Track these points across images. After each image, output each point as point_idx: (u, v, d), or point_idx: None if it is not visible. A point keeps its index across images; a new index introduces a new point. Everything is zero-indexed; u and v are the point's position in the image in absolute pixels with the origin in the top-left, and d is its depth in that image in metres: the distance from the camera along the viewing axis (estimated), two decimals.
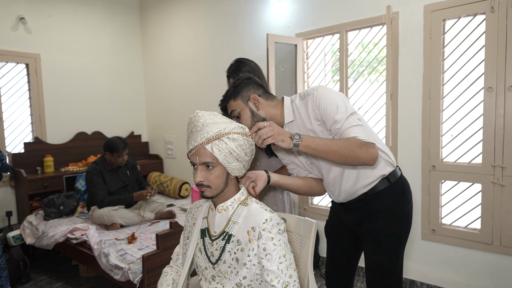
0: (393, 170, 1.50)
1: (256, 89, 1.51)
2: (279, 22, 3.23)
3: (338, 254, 1.69)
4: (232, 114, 1.51)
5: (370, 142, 1.30)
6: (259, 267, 1.12)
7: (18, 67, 3.68)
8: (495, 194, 2.29)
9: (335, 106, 1.35)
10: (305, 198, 3.25)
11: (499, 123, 2.25)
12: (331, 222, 1.71)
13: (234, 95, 1.50)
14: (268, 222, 1.12)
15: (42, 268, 3.29)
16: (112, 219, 2.92)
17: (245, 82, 1.51)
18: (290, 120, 1.48)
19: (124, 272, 2.25)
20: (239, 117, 1.50)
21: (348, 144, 1.28)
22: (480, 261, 2.40)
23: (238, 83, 1.51)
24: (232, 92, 1.50)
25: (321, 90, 1.40)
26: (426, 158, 2.53)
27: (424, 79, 2.49)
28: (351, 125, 1.32)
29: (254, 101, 1.48)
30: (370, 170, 1.46)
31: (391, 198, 1.48)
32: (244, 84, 1.51)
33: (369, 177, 1.46)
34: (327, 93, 1.39)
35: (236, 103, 1.49)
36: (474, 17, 2.32)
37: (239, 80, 1.53)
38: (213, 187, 1.16)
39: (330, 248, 1.73)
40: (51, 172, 3.66)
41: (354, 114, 1.36)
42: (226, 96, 1.52)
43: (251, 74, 1.61)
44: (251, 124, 1.48)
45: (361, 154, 1.28)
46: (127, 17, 4.53)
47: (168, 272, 1.39)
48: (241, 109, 1.47)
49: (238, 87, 1.50)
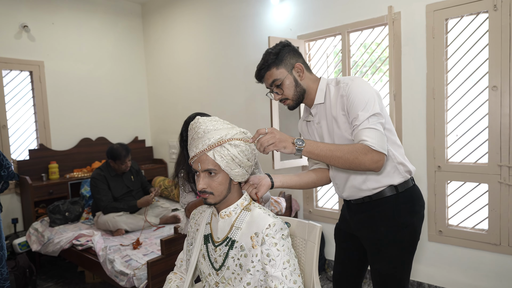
0: (404, 181, 1.43)
1: (298, 57, 1.42)
2: (281, 25, 3.23)
3: (346, 258, 1.64)
4: (274, 83, 1.41)
5: (377, 150, 1.25)
6: (263, 273, 1.11)
7: (22, 75, 3.71)
8: (502, 194, 2.26)
9: (364, 102, 1.30)
10: (310, 201, 3.23)
11: (505, 122, 2.22)
12: (340, 225, 1.66)
13: (277, 62, 1.38)
14: (272, 227, 1.10)
15: (48, 275, 3.30)
16: (117, 224, 2.93)
17: (287, 49, 1.40)
18: (320, 102, 1.44)
19: (129, 278, 2.25)
20: (280, 86, 1.41)
21: (353, 150, 1.25)
22: (489, 262, 2.37)
23: (279, 49, 1.39)
24: (274, 59, 1.38)
25: (357, 81, 1.35)
26: (431, 159, 2.51)
27: (428, 79, 2.47)
28: (367, 127, 1.27)
29: (299, 70, 1.40)
30: (381, 177, 1.41)
31: (395, 207, 1.42)
32: (286, 51, 1.40)
33: (378, 181, 1.41)
34: (361, 86, 1.34)
35: (279, 71, 1.38)
36: (477, 16, 2.30)
37: (279, 46, 1.40)
38: (216, 193, 1.16)
39: (338, 252, 1.68)
40: (56, 179, 3.67)
41: (377, 116, 1.30)
42: (265, 64, 1.39)
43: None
44: (294, 94, 1.42)
45: (365, 161, 1.24)
46: (130, 23, 4.55)
47: (172, 278, 1.38)
48: (285, 77, 1.39)
49: (281, 53, 1.38)
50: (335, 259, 1.69)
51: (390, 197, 1.42)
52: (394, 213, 1.42)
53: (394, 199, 1.42)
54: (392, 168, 1.41)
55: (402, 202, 1.42)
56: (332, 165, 1.29)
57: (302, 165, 3.01)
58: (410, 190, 1.45)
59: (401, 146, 1.47)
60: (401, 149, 1.46)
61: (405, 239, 1.43)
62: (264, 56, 1.41)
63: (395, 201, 1.42)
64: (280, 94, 1.44)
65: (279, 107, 2.88)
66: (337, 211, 3.06)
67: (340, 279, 1.67)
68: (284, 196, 3.15)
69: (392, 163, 1.42)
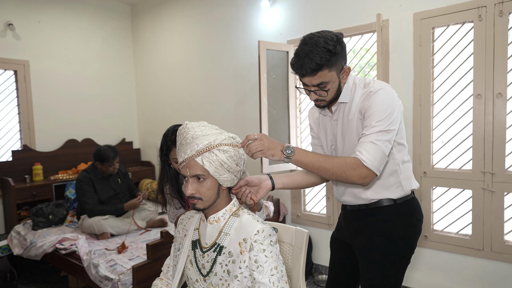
0: (404, 195, 1.41)
1: (345, 56, 1.31)
2: (271, 29, 3.24)
3: (340, 267, 1.63)
4: (320, 86, 1.28)
5: (368, 167, 1.22)
6: (250, 279, 1.10)
7: (6, 74, 3.63)
8: (485, 200, 2.31)
9: (384, 114, 1.25)
10: (298, 205, 3.24)
11: (488, 129, 2.27)
12: (336, 234, 1.64)
13: (332, 63, 1.25)
14: (260, 233, 1.10)
15: (30, 279, 3.21)
16: (103, 228, 2.88)
17: (342, 46, 1.26)
18: (345, 101, 1.37)
19: (114, 283, 2.21)
20: (324, 89, 1.29)
21: (343, 164, 1.23)
22: (472, 267, 2.41)
23: (335, 46, 1.23)
24: (329, 59, 1.23)
25: (385, 91, 1.29)
26: (417, 165, 2.55)
27: (415, 86, 2.51)
28: (370, 140, 1.24)
29: (346, 73, 1.31)
30: (382, 189, 1.39)
31: (391, 217, 1.40)
32: (340, 49, 1.25)
33: (377, 192, 1.40)
34: (387, 96, 1.28)
35: (330, 74, 1.27)
36: (462, 25, 2.35)
37: (335, 41, 1.23)
38: (204, 199, 1.15)
39: (333, 260, 1.66)
40: (40, 181, 3.59)
41: (388, 132, 1.25)
42: (319, 63, 1.23)
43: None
44: (333, 97, 1.34)
45: (353, 176, 1.23)
46: (118, 23, 4.50)
47: (158, 284, 1.36)
48: (334, 81, 1.28)
49: (337, 52, 1.24)
50: (330, 267, 1.68)
51: (387, 207, 1.40)
52: (389, 224, 1.40)
53: (391, 210, 1.40)
54: (396, 183, 1.40)
55: (398, 214, 1.40)
56: (320, 175, 1.28)
57: (291, 169, 3.02)
58: (409, 202, 1.43)
59: (409, 161, 1.44)
60: (409, 164, 1.44)
61: (399, 251, 1.40)
62: (318, 50, 1.22)
63: (392, 212, 1.40)
64: (321, 96, 1.33)
65: (268, 112, 2.89)
66: (324, 216, 3.07)
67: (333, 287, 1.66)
68: (272, 200, 3.15)
69: (397, 179, 1.40)
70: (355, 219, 1.49)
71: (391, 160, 1.38)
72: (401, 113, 1.33)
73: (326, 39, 1.25)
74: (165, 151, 1.72)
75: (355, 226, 1.49)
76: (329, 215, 3.02)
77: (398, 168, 1.39)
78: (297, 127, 3.17)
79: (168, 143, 1.69)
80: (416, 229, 1.43)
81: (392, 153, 1.37)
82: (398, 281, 1.45)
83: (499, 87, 2.22)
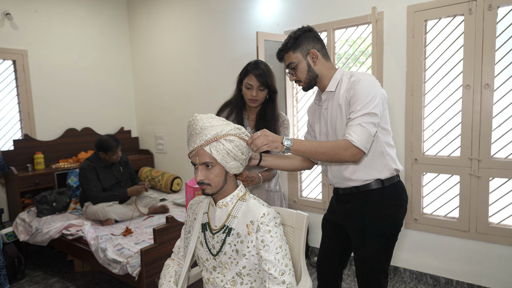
0: (391, 176, 1.56)
1: (315, 43, 1.51)
2: (268, 20, 3.30)
3: (331, 247, 1.77)
4: (290, 66, 1.52)
5: (357, 146, 1.37)
6: (257, 257, 1.22)
7: (5, 64, 3.65)
8: (472, 185, 2.45)
9: (367, 99, 1.41)
10: (294, 191, 3.36)
11: (476, 118, 2.40)
12: (328, 216, 1.79)
13: (294, 47, 1.49)
14: (266, 216, 1.21)
15: (36, 264, 3.32)
16: (107, 214, 2.98)
17: (307, 34, 1.50)
18: (331, 90, 1.54)
19: (122, 266, 2.32)
20: (294, 69, 1.51)
21: (335, 146, 1.39)
22: (458, 247, 2.57)
23: (299, 34, 1.50)
24: (293, 43, 1.49)
25: (367, 78, 1.46)
26: (409, 152, 2.67)
27: (407, 77, 2.62)
28: (358, 123, 1.39)
29: (313, 56, 1.50)
30: (370, 169, 1.54)
31: (381, 199, 1.55)
32: (305, 37, 1.50)
33: (367, 173, 1.55)
34: (369, 84, 1.44)
35: (295, 55, 1.49)
36: (453, 18, 2.45)
37: (299, 31, 1.51)
38: (213, 184, 1.25)
39: (324, 241, 1.80)
40: (42, 169, 3.66)
41: (372, 116, 1.40)
42: (286, 47, 1.51)
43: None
44: (306, 78, 1.53)
45: (345, 155, 1.38)
46: (115, 12, 4.50)
47: (170, 264, 1.47)
48: (299, 62, 1.50)
49: (299, 38, 1.49)
50: (320, 247, 1.82)
51: (376, 190, 1.56)
52: (378, 206, 1.55)
53: (379, 192, 1.55)
54: (382, 164, 1.55)
55: (386, 196, 1.55)
56: (317, 160, 1.42)
57: None
58: (395, 185, 1.58)
59: (393, 146, 1.60)
60: (393, 149, 1.60)
61: (387, 230, 1.56)
62: (286, 39, 1.53)
63: (381, 194, 1.55)
64: (294, 76, 1.56)
65: None
66: (320, 201, 3.21)
67: (323, 267, 1.80)
68: None
69: (383, 160, 1.55)
70: (347, 202, 1.63)
71: (377, 142, 1.54)
72: (384, 99, 1.49)
73: (294, 31, 1.53)
74: (243, 75, 1.89)
75: (348, 208, 1.63)
76: (325, 200, 3.15)
77: (384, 150, 1.55)
78: (293, 116, 3.27)
79: (248, 68, 1.87)
80: (402, 209, 1.59)
81: (378, 136, 1.53)
82: (388, 257, 1.61)
83: (487, 78, 2.33)
